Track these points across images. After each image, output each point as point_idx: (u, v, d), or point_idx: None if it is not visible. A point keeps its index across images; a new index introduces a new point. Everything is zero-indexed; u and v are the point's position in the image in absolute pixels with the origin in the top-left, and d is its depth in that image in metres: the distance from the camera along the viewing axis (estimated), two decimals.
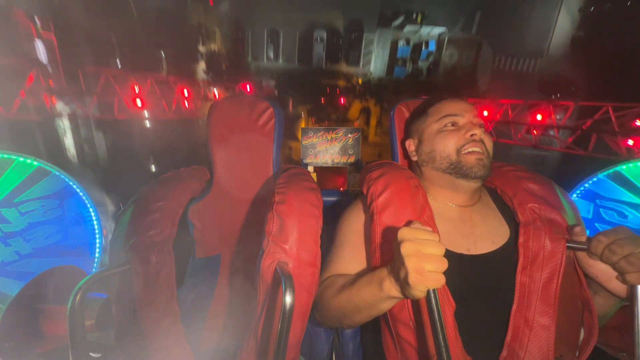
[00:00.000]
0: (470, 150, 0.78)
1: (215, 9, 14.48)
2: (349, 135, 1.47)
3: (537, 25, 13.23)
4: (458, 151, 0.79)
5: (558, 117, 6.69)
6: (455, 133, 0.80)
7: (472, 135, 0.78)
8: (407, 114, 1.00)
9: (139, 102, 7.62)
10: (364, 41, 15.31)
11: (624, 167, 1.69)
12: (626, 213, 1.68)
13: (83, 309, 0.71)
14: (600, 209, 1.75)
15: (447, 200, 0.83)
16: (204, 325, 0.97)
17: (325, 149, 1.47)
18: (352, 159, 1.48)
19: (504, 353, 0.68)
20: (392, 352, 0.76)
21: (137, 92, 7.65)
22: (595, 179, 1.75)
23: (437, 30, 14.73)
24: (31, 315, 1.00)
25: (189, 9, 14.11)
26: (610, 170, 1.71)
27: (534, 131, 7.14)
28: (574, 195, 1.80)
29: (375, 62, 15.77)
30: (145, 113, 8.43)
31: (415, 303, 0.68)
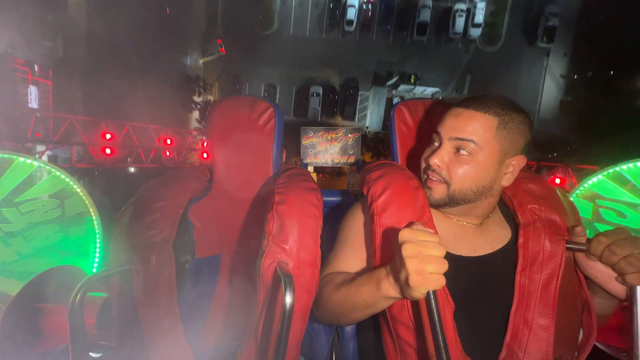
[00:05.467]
0: (425, 178, 0.76)
1: (214, 64, 15.20)
2: (349, 135, 1.47)
3: (526, 89, 14.33)
4: (422, 179, 0.77)
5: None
6: (423, 157, 0.77)
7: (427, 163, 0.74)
8: (407, 114, 0.99)
9: (107, 151, 7.39)
10: (359, 97, 15.22)
11: (623, 167, 1.69)
12: (626, 213, 1.68)
13: (83, 309, 0.71)
14: (600, 209, 1.75)
15: (454, 216, 0.79)
16: (204, 325, 0.97)
17: (325, 149, 1.47)
18: (352, 159, 1.48)
19: (503, 353, 0.68)
20: (391, 353, 0.76)
21: (107, 138, 7.42)
22: (595, 179, 1.76)
23: (430, 90, 14.56)
24: (31, 315, 1.00)
25: (190, 63, 14.93)
26: (610, 171, 1.72)
27: None
28: (574, 195, 1.80)
29: (370, 117, 15.60)
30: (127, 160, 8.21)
31: (415, 304, 0.68)
